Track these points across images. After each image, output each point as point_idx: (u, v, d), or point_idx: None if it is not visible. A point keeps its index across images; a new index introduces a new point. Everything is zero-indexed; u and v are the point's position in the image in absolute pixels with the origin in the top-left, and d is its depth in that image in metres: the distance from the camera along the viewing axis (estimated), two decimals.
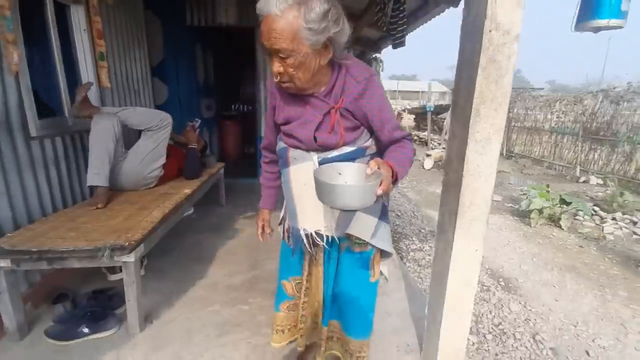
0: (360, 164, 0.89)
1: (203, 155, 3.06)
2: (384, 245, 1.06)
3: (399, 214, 4.29)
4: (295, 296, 1.19)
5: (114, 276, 2.02)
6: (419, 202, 4.88)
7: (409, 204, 4.76)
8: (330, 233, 1.02)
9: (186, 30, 4.06)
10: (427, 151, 7.57)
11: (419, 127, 12.89)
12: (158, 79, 3.83)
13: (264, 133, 1.18)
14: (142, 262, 2.04)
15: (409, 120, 12.75)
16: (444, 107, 11.29)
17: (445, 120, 9.64)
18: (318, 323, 1.18)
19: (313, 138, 0.95)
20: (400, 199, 4.97)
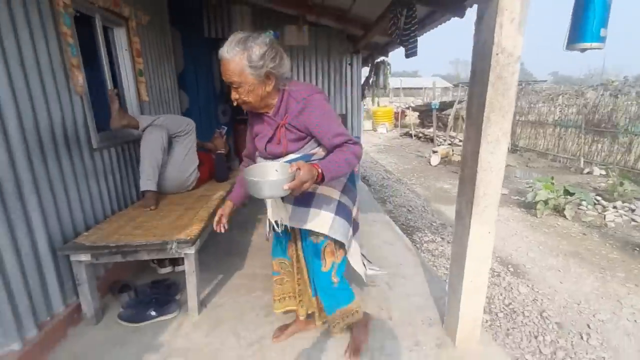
0: (284, 164, 1.12)
1: (228, 159, 3.31)
2: (339, 237, 1.30)
3: (409, 209, 4.51)
4: (280, 272, 1.53)
5: (163, 270, 2.27)
6: (428, 197, 5.09)
7: (418, 199, 4.97)
8: (286, 223, 1.28)
9: (204, 41, 4.31)
10: (434, 148, 7.75)
11: (424, 124, 13.06)
12: (180, 89, 4.09)
13: (247, 144, 1.45)
14: None
15: (413, 118, 12.91)
16: (448, 104, 11.44)
17: (450, 116, 9.82)
18: (310, 295, 1.50)
19: (264, 148, 1.25)
20: (410, 195, 5.18)
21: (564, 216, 4.04)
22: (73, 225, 1.77)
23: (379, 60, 4.65)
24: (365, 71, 4.83)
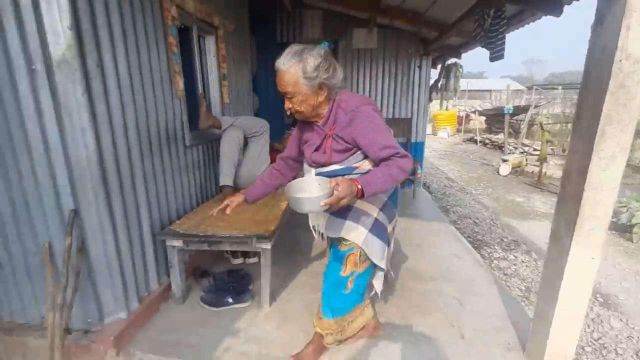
0: (324, 179, 1.13)
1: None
2: (374, 256, 1.33)
3: (476, 221, 4.24)
4: None
5: (236, 260, 2.44)
6: (497, 210, 4.72)
7: (486, 211, 4.65)
8: (322, 231, 1.39)
9: (276, 46, 4.53)
10: (503, 156, 7.17)
11: (491, 129, 12.13)
12: (253, 91, 4.35)
13: (288, 146, 1.48)
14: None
15: (479, 123, 12.07)
16: (521, 109, 10.46)
17: (524, 122, 8.98)
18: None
19: (310, 156, 1.29)
20: (476, 206, 4.86)
21: None
22: (168, 214, 2.00)
23: (451, 62, 4.43)
24: (434, 73, 4.65)
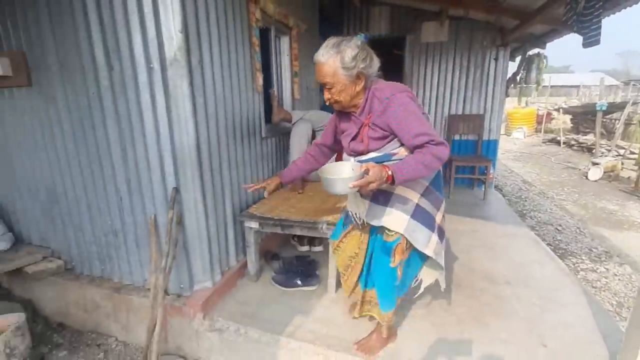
0: (357, 164, 1.18)
1: None
2: (418, 243, 1.32)
3: (559, 228, 3.81)
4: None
5: (302, 248, 2.56)
6: (585, 217, 4.19)
7: (570, 218, 4.15)
8: (363, 217, 1.39)
9: None
10: (594, 159, 6.30)
11: (578, 129, 10.72)
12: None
13: (323, 134, 1.55)
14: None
15: (562, 122, 10.75)
16: (616, 106, 9.04)
17: (619, 121, 7.77)
18: (358, 285, 1.58)
19: (348, 145, 1.33)
20: (558, 212, 4.38)
21: None
22: (246, 198, 2.19)
23: (533, 53, 4.04)
24: (512, 67, 4.29)
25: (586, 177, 6.05)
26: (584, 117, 10.10)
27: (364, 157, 1.30)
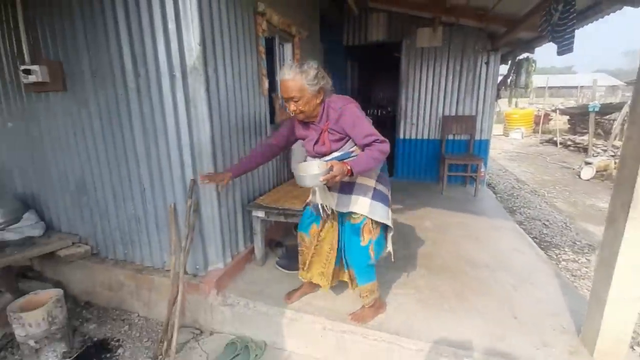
0: (322, 162, 1.47)
1: None
2: (379, 218, 1.59)
3: (546, 223, 4.03)
4: (301, 244, 1.85)
5: None
6: (573, 214, 4.40)
7: (559, 214, 4.37)
8: (333, 207, 1.61)
9: (341, 49, 4.85)
10: (587, 159, 6.50)
11: (575, 130, 10.90)
12: None
13: (275, 133, 1.78)
14: None
15: (560, 123, 10.94)
16: (613, 106, 9.21)
17: (616, 121, 7.95)
18: (329, 267, 1.77)
19: (312, 149, 1.57)
20: (547, 209, 4.59)
21: None
22: (253, 190, 2.43)
23: (522, 57, 4.26)
24: (503, 69, 4.51)
25: (579, 176, 6.25)
26: (581, 117, 10.28)
27: (327, 157, 1.56)
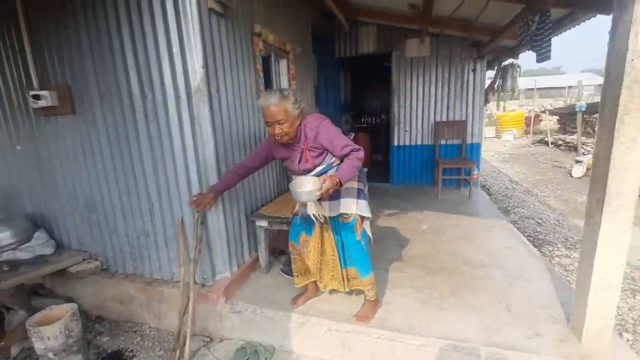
0: (315, 178, 1.59)
1: None
2: (363, 212, 1.75)
3: (539, 221, 4.15)
4: (293, 252, 1.99)
5: None
6: (565, 211, 4.54)
7: (552, 212, 4.50)
8: (326, 214, 1.76)
9: (333, 61, 5.02)
10: (577, 157, 6.68)
11: (565, 130, 11.15)
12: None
13: (251, 155, 1.93)
14: None
15: (550, 123, 11.19)
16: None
17: None
18: (337, 269, 1.91)
19: (297, 167, 1.70)
20: (540, 207, 4.72)
21: None
22: (256, 201, 2.53)
23: (507, 63, 4.45)
24: (490, 75, 4.69)
25: (570, 174, 6.42)
26: (570, 117, 10.54)
27: (313, 172, 1.70)
